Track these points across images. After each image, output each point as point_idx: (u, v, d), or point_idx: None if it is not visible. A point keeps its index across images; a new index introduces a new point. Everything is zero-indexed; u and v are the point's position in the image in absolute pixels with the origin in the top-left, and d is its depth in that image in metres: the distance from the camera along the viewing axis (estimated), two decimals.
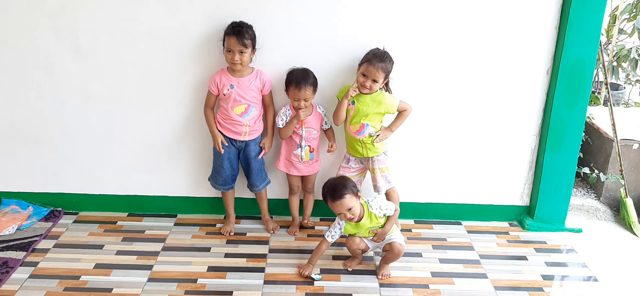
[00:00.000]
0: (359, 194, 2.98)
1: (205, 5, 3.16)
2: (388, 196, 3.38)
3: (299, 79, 3.10)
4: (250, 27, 3.10)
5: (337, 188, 2.90)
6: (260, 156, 3.34)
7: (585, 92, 3.34)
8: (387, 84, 3.21)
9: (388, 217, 3.06)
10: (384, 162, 3.28)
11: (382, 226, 3.06)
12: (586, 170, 4.01)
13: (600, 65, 4.05)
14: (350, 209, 2.90)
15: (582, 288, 3.09)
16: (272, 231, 3.49)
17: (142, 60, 3.29)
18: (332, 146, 3.36)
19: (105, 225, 3.54)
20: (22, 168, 3.57)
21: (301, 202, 3.59)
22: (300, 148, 3.29)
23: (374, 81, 3.04)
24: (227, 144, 3.27)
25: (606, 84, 3.86)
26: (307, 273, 3.06)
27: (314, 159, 3.35)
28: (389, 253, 3.08)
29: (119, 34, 3.23)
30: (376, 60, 3.04)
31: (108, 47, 3.26)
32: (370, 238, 3.12)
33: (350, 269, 3.18)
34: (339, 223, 3.06)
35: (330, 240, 3.07)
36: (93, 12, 3.17)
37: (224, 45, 3.10)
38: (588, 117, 4.19)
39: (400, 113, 3.23)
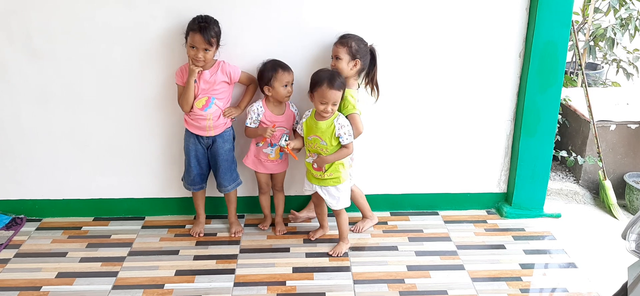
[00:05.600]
0: (357, 61, 3.01)
1: (165, 0, 3.05)
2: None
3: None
4: (217, 22, 2.98)
5: (334, 77, 2.88)
6: (223, 116, 3.16)
7: (559, 74, 3.28)
8: (373, 80, 3.14)
9: (341, 145, 2.97)
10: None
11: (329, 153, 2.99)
12: (564, 153, 3.95)
13: (574, 47, 3.98)
14: (334, 103, 2.90)
15: (560, 276, 3.03)
16: (234, 235, 3.37)
17: (101, 59, 3.17)
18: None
19: (69, 231, 3.41)
20: None
21: (272, 198, 3.48)
22: (270, 147, 3.19)
23: (337, 58, 3.00)
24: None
25: (581, 65, 3.79)
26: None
27: (283, 158, 3.25)
28: (336, 218, 3.18)
29: (75, 33, 3.10)
30: (337, 40, 3.05)
31: (64, 47, 3.13)
32: (314, 158, 3.02)
33: (313, 238, 3.27)
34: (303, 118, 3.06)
35: (299, 131, 3.09)
36: (46, 11, 3.04)
37: (186, 39, 2.97)
38: (564, 99, 4.13)
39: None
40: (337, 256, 3.16)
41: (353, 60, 3.00)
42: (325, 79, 2.87)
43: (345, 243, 3.21)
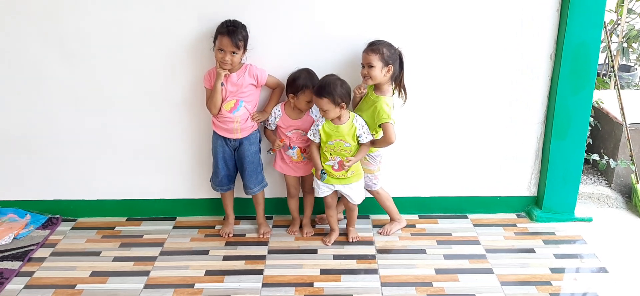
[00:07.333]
0: (342, 105, 2.96)
1: (196, 5, 3.10)
2: (377, 196, 3.38)
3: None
4: (244, 27, 3.03)
5: (322, 87, 2.95)
6: (251, 119, 3.19)
7: (591, 76, 3.23)
8: (401, 84, 3.12)
9: (360, 144, 3.07)
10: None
11: (353, 154, 3.07)
12: (596, 156, 3.88)
13: (607, 48, 3.92)
14: (325, 111, 2.97)
15: (591, 280, 2.98)
16: (262, 236, 3.40)
17: (133, 62, 3.23)
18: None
19: (103, 231, 3.48)
20: (18, 177, 3.53)
21: (301, 199, 3.51)
22: (290, 150, 3.22)
23: (370, 66, 2.98)
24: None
25: (613, 67, 3.73)
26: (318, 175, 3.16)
27: (307, 160, 3.27)
28: (348, 211, 3.30)
29: (108, 36, 3.17)
30: (367, 46, 3.03)
31: (97, 50, 3.20)
32: (336, 161, 3.08)
33: (329, 244, 3.29)
34: (318, 124, 3.08)
35: (313, 138, 3.11)
36: (80, 16, 3.12)
37: (214, 43, 3.02)
38: (597, 102, 4.07)
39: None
40: (354, 239, 3.33)
41: (386, 66, 2.99)
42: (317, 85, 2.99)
43: (355, 230, 3.37)
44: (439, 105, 3.37)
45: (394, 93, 3.13)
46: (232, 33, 2.95)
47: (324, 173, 3.12)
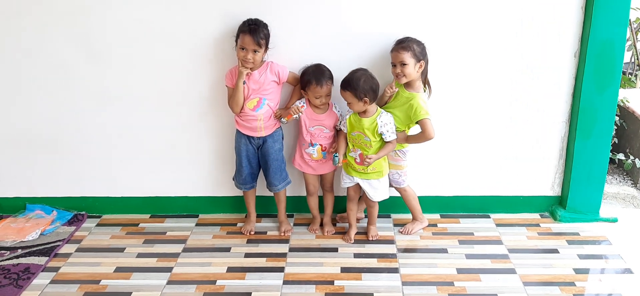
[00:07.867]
0: (365, 99, 2.98)
1: (219, 4, 3.13)
2: (403, 193, 3.36)
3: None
4: (266, 25, 3.05)
5: (346, 80, 3.01)
6: (274, 117, 3.22)
7: (616, 74, 3.18)
8: (426, 78, 3.12)
9: (384, 142, 3.08)
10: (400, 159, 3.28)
11: (375, 151, 3.09)
12: (621, 156, 3.83)
13: (632, 46, 3.86)
14: (350, 103, 3.04)
15: (616, 281, 2.94)
16: (283, 234, 3.42)
17: (156, 61, 3.28)
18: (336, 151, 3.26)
19: (127, 228, 3.54)
20: (45, 174, 3.60)
21: (320, 200, 3.52)
22: (311, 147, 3.23)
23: (403, 64, 2.98)
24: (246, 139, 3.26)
25: (638, 65, 3.67)
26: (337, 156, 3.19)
27: (327, 158, 3.28)
28: (368, 208, 3.32)
29: (132, 35, 3.22)
30: (396, 45, 3.03)
31: (121, 50, 3.25)
32: (358, 153, 3.11)
33: (351, 241, 3.31)
34: (346, 115, 3.15)
35: (343, 128, 3.19)
36: (104, 14, 3.17)
37: (236, 42, 3.05)
38: (622, 101, 4.01)
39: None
40: (374, 238, 3.33)
41: (418, 62, 3.00)
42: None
43: (376, 228, 3.37)
44: (462, 103, 3.35)
45: (425, 90, 3.13)
46: (254, 31, 2.98)
47: (336, 156, 3.17)
